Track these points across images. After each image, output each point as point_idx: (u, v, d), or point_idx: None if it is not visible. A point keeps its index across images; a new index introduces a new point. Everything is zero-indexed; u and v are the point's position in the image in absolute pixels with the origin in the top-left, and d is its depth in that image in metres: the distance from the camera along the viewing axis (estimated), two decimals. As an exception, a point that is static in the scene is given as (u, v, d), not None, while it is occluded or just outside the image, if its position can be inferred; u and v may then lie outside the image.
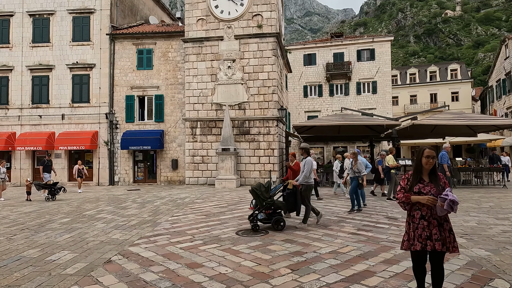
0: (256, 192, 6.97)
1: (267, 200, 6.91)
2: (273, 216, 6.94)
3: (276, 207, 7.03)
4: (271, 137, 16.84)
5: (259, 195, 6.95)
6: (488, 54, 78.74)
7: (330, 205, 10.03)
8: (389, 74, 29.68)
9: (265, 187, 7.03)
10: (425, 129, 17.20)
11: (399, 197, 3.38)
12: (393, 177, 11.08)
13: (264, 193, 6.96)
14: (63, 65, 19.02)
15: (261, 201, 6.94)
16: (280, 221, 6.88)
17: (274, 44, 16.92)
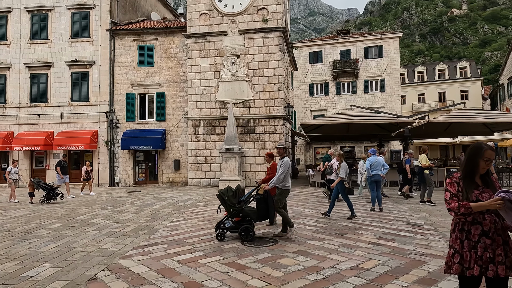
0: (222, 197, 6.23)
1: (234, 207, 6.15)
2: (241, 225, 6.10)
3: (244, 214, 6.18)
4: (277, 136, 16.09)
5: (226, 201, 6.21)
6: (495, 53, 77.47)
7: (342, 209, 9.26)
8: (397, 71, 28.80)
9: (233, 192, 6.27)
10: (439, 128, 16.40)
11: (452, 207, 2.60)
12: (428, 178, 10.07)
13: (231, 198, 6.20)
14: (62, 62, 18.42)
15: (228, 207, 6.21)
16: (249, 231, 5.98)
17: (280, 39, 16.17)
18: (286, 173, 6.18)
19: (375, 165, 9.12)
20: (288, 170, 6.21)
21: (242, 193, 6.71)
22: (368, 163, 9.24)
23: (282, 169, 6.14)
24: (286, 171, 6.18)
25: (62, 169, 13.62)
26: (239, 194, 6.35)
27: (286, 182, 6.25)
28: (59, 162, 13.87)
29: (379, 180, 9.12)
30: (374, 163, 9.13)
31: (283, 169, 6.15)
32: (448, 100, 40.81)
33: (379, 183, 9.13)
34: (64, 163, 13.93)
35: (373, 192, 9.15)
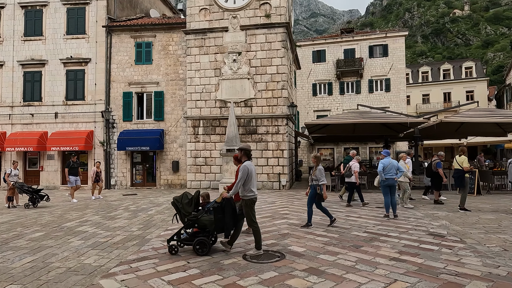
0: (177, 205, 5.50)
1: (188, 216, 5.42)
2: (197, 237, 5.37)
3: (201, 225, 5.45)
4: (280, 136, 15.35)
5: (180, 209, 5.48)
6: (498, 54, 76.81)
7: (353, 215, 8.50)
8: (403, 71, 28.03)
9: (189, 199, 5.51)
10: (450, 128, 15.64)
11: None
12: (468, 182, 9.12)
13: (186, 206, 5.46)
14: (56, 60, 17.74)
15: (182, 216, 5.50)
16: (205, 245, 5.28)
17: (283, 35, 15.45)
18: (246, 180, 5.30)
19: (388, 168, 8.33)
20: (248, 176, 5.31)
21: (207, 199, 5.93)
22: (380, 165, 8.48)
23: (240, 176, 5.30)
24: (246, 178, 5.29)
25: (70, 170, 12.49)
26: (195, 202, 5.58)
27: (248, 190, 5.33)
28: (68, 163, 12.80)
29: (393, 185, 8.34)
30: (387, 165, 8.35)
31: (241, 176, 5.27)
32: (454, 100, 40.04)
33: (394, 188, 8.35)
34: (74, 164, 12.72)
35: (386, 198, 8.39)
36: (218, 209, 5.36)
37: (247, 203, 5.36)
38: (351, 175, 10.12)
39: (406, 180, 9.86)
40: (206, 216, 5.43)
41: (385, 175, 8.26)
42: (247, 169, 5.31)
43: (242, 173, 5.28)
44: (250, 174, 5.34)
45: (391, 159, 8.51)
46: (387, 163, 8.34)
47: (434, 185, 10.77)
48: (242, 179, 5.26)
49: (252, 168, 5.43)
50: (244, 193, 5.34)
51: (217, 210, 5.36)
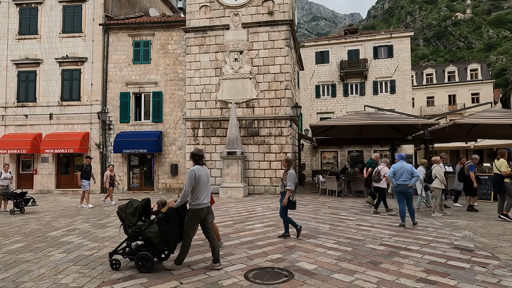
0: (121, 215, 4.89)
1: (132, 227, 4.82)
2: (140, 251, 4.76)
3: (145, 238, 4.84)
4: (283, 139, 14.66)
5: (123, 219, 4.88)
6: (500, 57, 76.26)
7: (364, 224, 7.79)
8: (408, 72, 27.36)
9: (134, 208, 4.87)
10: (463, 130, 14.91)
11: None
12: (509, 188, 8.33)
13: (130, 216, 4.83)
14: (52, 59, 17.13)
15: (126, 228, 4.89)
16: (147, 260, 4.65)
17: (287, 33, 14.81)
18: (194, 186, 4.67)
19: (399, 173, 7.60)
20: (197, 182, 4.68)
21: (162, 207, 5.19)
22: (390, 170, 7.77)
23: (188, 182, 4.67)
24: (194, 184, 4.66)
25: (83, 174, 11.69)
26: (140, 211, 4.93)
27: (195, 198, 4.69)
28: (81, 166, 11.97)
29: (406, 191, 7.61)
30: (398, 170, 7.62)
31: (188, 182, 4.66)
32: (459, 103, 39.34)
33: (410, 195, 7.62)
34: (87, 167, 11.90)
35: (401, 206, 7.68)
36: (163, 221, 4.70)
37: (193, 213, 4.73)
38: (380, 179, 9.37)
39: (441, 186, 9.02)
40: (154, 228, 4.80)
41: (397, 181, 7.56)
42: (193, 174, 4.68)
43: (190, 179, 4.67)
44: (198, 180, 4.69)
45: (406, 163, 7.79)
46: (398, 168, 7.63)
47: (468, 190, 9.94)
48: (187, 186, 4.66)
49: (201, 173, 4.77)
50: (190, 201, 4.72)
51: (162, 221, 4.70)
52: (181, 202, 4.75)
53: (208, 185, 4.91)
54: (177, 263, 4.78)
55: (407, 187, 7.52)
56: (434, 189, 9.03)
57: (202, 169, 4.84)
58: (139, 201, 5.06)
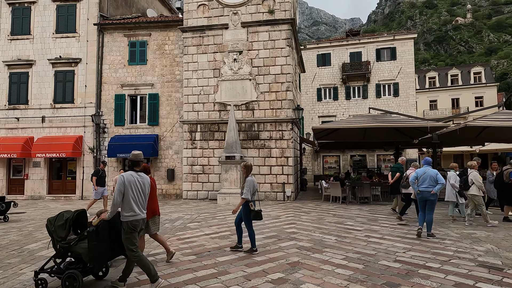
0: (49, 228, 4.32)
1: (61, 242, 4.26)
2: (68, 269, 4.19)
3: (75, 254, 4.28)
4: (285, 142, 14.01)
5: (52, 233, 4.31)
6: (501, 61, 75.92)
7: (374, 236, 7.10)
8: (412, 75, 26.75)
9: (64, 220, 4.29)
10: (472, 133, 14.26)
11: None
12: None
13: (59, 229, 4.25)
14: (44, 60, 16.55)
15: (55, 242, 4.32)
16: (74, 280, 4.05)
17: (288, 33, 14.22)
18: (125, 195, 4.12)
19: (422, 179, 7.00)
20: (127, 190, 4.12)
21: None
22: (413, 175, 7.15)
23: (115, 190, 4.14)
24: (124, 192, 4.11)
25: (99, 180, 10.92)
26: (70, 224, 4.33)
27: (127, 209, 4.15)
28: (96, 171, 11.15)
29: (429, 199, 6.99)
30: (421, 176, 7.01)
31: (117, 189, 4.12)
32: (462, 106, 38.74)
33: (431, 202, 7.00)
34: (103, 173, 11.16)
35: (421, 213, 7.11)
36: (92, 235, 4.12)
37: (128, 226, 4.14)
38: (409, 185, 8.67)
39: (479, 193, 8.33)
40: (85, 243, 4.23)
41: (419, 187, 6.96)
42: (122, 180, 4.13)
43: (116, 186, 4.13)
44: (128, 187, 4.11)
45: (431, 168, 7.14)
46: (421, 173, 7.02)
47: (506, 199, 9.06)
48: (115, 194, 4.10)
49: (133, 180, 4.19)
50: (123, 212, 4.15)
51: (91, 235, 4.12)
52: (113, 213, 4.19)
53: (143, 195, 4.32)
54: (120, 280, 4.24)
55: (430, 194, 6.93)
56: (473, 197, 8.30)
57: (137, 176, 4.29)
58: (72, 212, 4.46)
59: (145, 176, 4.46)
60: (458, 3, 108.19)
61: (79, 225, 4.57)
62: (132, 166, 4.38)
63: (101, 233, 4.16)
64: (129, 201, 4.13)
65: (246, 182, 5.92)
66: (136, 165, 4.39)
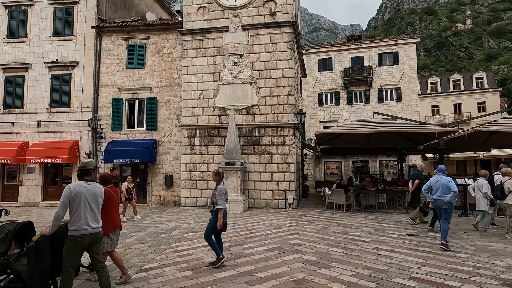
0: None
1: (0, 258, 3.94)
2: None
3: (15, 271, 3.91)
4: (286, 148, 13.58)
5: None
6: (501, 67, 75.97)
7: (384, 248, 6.63)
8: (415, 79, 26.43)
9: (5, 234, 3.98)
10: (480, 139, 13.82)
11: None
12: None
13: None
14: (41, 63, 16.20)
15: None
16: None
17: (290, 35, 13.88)
18: (71, 207, 3.77)
19: (435, 187, 6.64)
20: (73, 201, 3.77)
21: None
22: (427, 184, 6.76)
23: (61, 203, 3.76)
24: (70, 203, 3.76)
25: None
26: (11, 238, 3.98)
27: (74, 223, 3.78)
28: None
29: (442, 207, 6.63)
30: (433, 184, 6.63)
31: (61, 201, 3.75)
32: (464, 112, 38.38)
33: (446, 211, 6.63)
34: (115, 179, 10.44)
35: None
36: (31, 251, 3.78)
37: (71, 241, 3.77)
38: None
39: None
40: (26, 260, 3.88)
41: (432, 195, 6.62)
42: (68, 192, 3.77)
43: (65, 199, 3.75)
44: (74, 198, 3.76)
45: (444, 176, 6.73)
46: (434, 181, 6.63)
47: None
48: (59, 206, 3.72)
49: (81, 191, 3.83)
50: (69, 225, 3.80)
51: (30, 252, 3.78)
52: (54, 228, 3.79)
53: (95, 206, 3.95)
54: None
55: (443, 203, 6.60)
56: (508, 207, 7.84)
57: (87, 186, 3.93)
58: (15, 224, 4.09)
59: (98, 186, 4.11)
60: (458, 10, 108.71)
61: (27, 238, 4.16)
62: (82, 175, 4.02)
63: (41, 249, 3.78)
64: (75, 214, 3.74)
65: (217, 190, 5.47)
66: (86, 174, 4.03)
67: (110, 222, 4.72)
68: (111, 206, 4.77)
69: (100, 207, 4.05)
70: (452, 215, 6.82)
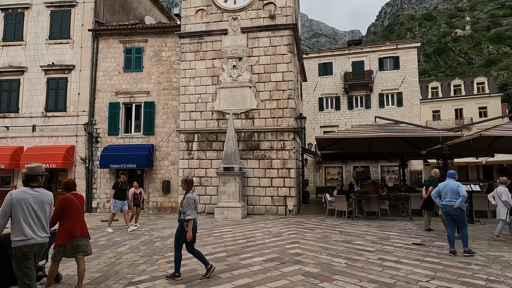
0: None
1: None
2: None
3: None
4: (286, 153, 13.25)
5: None
6: (501, 73, 76.08)
7: (389, 259, 6.27)
8: (416, 84, 26.19)
9: None
10: (484, 144, 13.53)
11: None
12: None
13: None
14: (37, 67, 15.95)
15: None
16: None
17: (290, 38, 13.63)
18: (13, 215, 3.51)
19: (444, 192, 6.40)
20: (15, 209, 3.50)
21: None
22: (435, 189, 6.49)
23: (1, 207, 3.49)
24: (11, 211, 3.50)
25: (118, 193, 10.05)
26: None
27: (18, 233, 3.50)
28: (116, 183, 10.30)
29: (452, 213, 6.41)
30: (442, 189, 6.36)
31: (1, 209, 3.49)
32: (466, 117, 38.14)
33: (458, 217, 6.39)
34: (123, 185, 10.22)
35: (449, 229, 6.67)
36: None
37: (13, 253, 3.47)
38: None
39: None
40: None
41: (442, 201, 6.37)
42: (9, 198, 3.50)
43: (2, 205, 3.47)
44: (16, 206, 3.48)
45: (453, 181, 6.44)
46: (442, 186, 6.37)
47: None
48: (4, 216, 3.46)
49: (25, 198, 3.55)
50: (11, 236, 3.49)
51: None
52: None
53: (42, 214, 3.67)
54: None
55: (453, 208, 6.36)
56: None
57: (32, 193, 3.66)
58: None
59: (45, 193, 3.82)
60: (457, 16, 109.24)
61: None
62: (27, 181, 3.74)
63: None
64: (19, 223, 3.45)
65: (185, 199, 5.11)
66: (31, 180, 3.74)
67: (67, 232, 4.43)
68: (72, 214, 4.48)
69: (48, 216, 3.78)
70: (466, 219, 6.54)
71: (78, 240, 4.53)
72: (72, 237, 4.47)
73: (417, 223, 10.65)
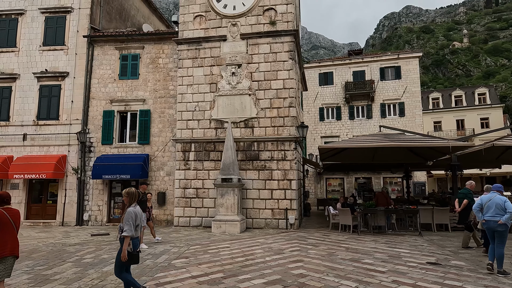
0: None
1: None
2: None
3: None
4: (287, 163, 12.64)
5: None
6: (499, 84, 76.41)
7: (404, 281, 5.60)
8: (418, 94, 25.80)
9: None
10: (493, 154, 12.98)
11: None
12: None
13: None
14: (29, 74, 15.46)
15: None
16: None
17: (291, 45, 13.19)
18: None
19: (487, 207, 5.87)
20: None
21: None
22: (477, 202, 5.96)
23: None
24: None
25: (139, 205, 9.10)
26: None
27: None
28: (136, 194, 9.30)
29: (496, 229, 5.92)
30: (485, 203, 5.85)
31: None
32: (467, 128, 37.73)
33: (500, 234, 5.88)
34: (143, 196, 9.36)
35: (491, 246, 5.98)
36: None
37: None
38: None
39: None
40: None
41: (484, 216, 5.81)
42: None
43: None
44: None
45: (498, 195, 5.89)
46: (485, 200, 5.85)
47: None
48: None
49: None
50: None
51: None
52: None
53: None
54: None
55: (497, 224, 5.86)
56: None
57: None
58: None
59: None
60: (454, 28, 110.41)
61: None
62: None
63: None
64: None
65: (126, 214, 4.55)
66: None
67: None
68: (2, 230, 4.00)
69: None
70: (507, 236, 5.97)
71: (7, 259, 4.07)
72: (1, 256, 4.00)
73: (427, 239, 9.98)
